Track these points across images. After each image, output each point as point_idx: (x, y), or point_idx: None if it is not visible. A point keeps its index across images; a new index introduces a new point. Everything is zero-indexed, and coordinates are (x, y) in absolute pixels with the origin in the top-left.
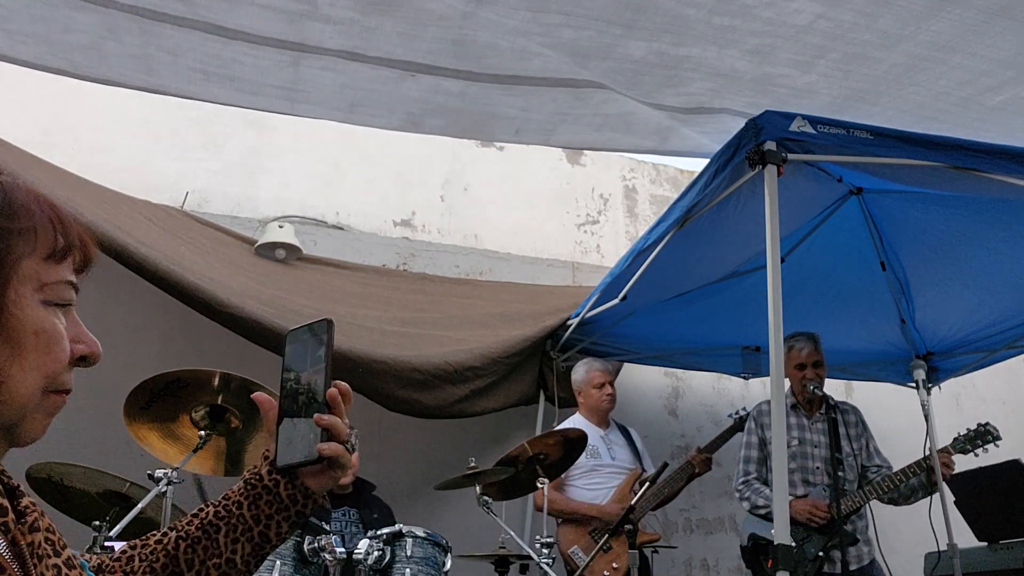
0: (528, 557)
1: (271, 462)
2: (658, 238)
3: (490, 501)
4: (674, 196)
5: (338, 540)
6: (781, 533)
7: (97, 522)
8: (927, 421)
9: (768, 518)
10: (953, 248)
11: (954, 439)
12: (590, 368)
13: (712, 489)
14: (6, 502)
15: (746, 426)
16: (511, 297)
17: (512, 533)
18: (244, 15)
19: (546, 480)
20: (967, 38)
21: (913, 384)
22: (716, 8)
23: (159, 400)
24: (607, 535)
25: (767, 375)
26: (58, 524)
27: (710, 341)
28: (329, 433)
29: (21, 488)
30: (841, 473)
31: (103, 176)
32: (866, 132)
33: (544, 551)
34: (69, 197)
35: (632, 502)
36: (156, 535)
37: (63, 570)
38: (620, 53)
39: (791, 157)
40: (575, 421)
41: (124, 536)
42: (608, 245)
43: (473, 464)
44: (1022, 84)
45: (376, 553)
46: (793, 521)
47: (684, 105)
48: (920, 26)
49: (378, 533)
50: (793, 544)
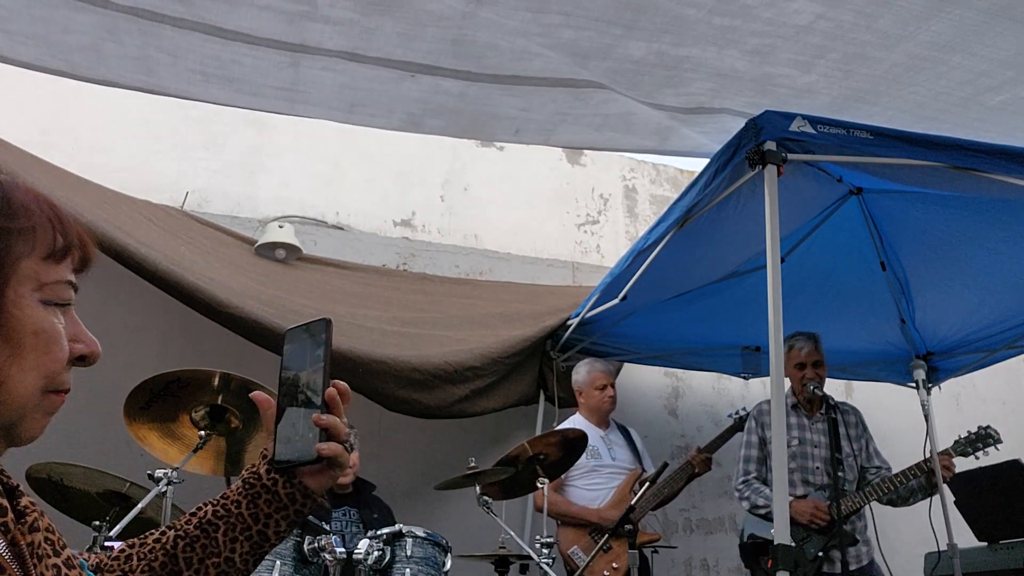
0: (528, 557)
1: (270, 461)
2: (658, 238)
3: (490, 501)
4: (674, 196)
5: (338, 540)
6: (781, 533)
7: (97, 522)
8: (927, 421)
9: (768, 518)
10: (953, 248)
11: (955, 442)
12: (592, 369)
13: (712, 489)
14: (5, 502)
15: (746, 425)
16: (511, 297)
17: (512, 533)
18: (243, 16)
19: (546, 480)
20: (967, 38)
21: (913, 384)
22: (716, 8)
23: (159, 400)
24: (607, 535)
25: (767, 375)
26: (58, 524)
27: (710, 341)
28: (328, 433)
29: (21, 488)
30: (841, 473)
31: (103, 176)
32: (866, 132)
33: (544, 551)
34: (69, 197)
35: (632, 502)
36: (154, 534)
37: (63, 570)
38: (620, 53)
39: (791, 157)
40: (575, 421)
41: (124, 536)
42: (608, 245)
43: (473, 464)
44: (1022, 84)
45: (376, 553)
46: (793, 522)
47: (684, 105)
48: (920, 26)
49: (378, 533)
50: (793, 544)
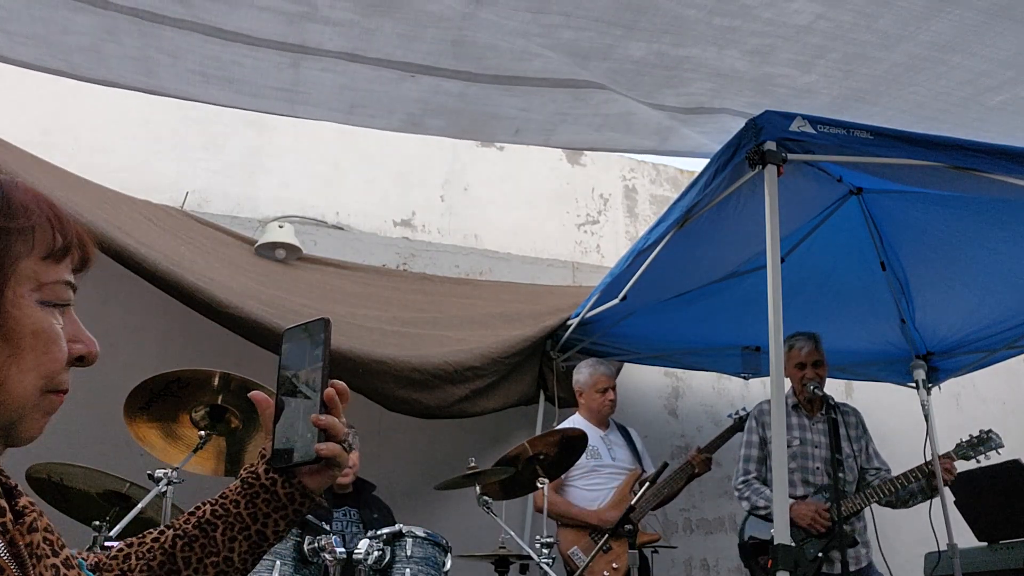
0: (528, 557)
1: (268, 461)
2: (658, 238)
3: (490, 501)
4: (674, 196)
5: (338, 540)
6: (781, 533)
7: (97, 522)
8: (927, 421)
9: (768, 518)
10: (953, 248)
11: (956, 445)
12: (595, 371)
13: (712, 489)
14: (4, 502)
15: (747, 425)
16: (511, 297)
17: (512, 533)
18: (243, 17)
19: (546, 480)
20: (967, 38)
21: (913, 384)
22: (716, 9)
23: (159, 400)
24: (607, 535)
25: (767, 375)
26: (58, 524)
27: (710, 341)
28: (327, 433)
29: (19, 487)
30: (841, 474)
31: (103, 176)
32: (866, 132)
33: (544, 551)
34: (69, 197)
35: (632, 502)
36: (153, 533)
37: (61, 570)
38: (620, 54)
39: (791, 157)
40: (575, 421)
41: (124, 536)
42: (608, 245)
43: (473, 464)
44: (1022, 84)
45: (376, 553)
46: (793, 524)
47: (684, 105)
48: (920, 26)
49: (378, 533)
50: (793, 544)
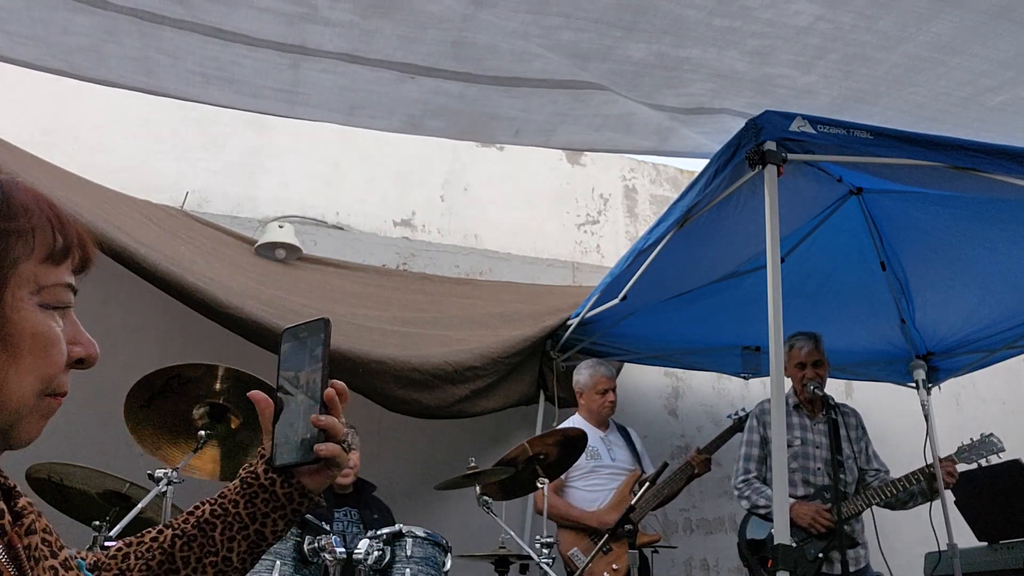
0: (528, 557)
1: (268, 461)
2: (658, 238)
3: (490, 501)
4: (674, 196)
5: (338, 540)
6: (781, 533)
7: (97, 522)
8: (927, 421)
9: (769, 518)
10: (953, 248)
11: (958, 448)
12: (595, 373)
13: (712, 489)
14: (3, 504)
15: (747, 424)
16: (511, 297)
17: (512, 533)
18: (243, 18)
19: (546, 480)
20: (967, 39)
21: (913, 384)
22: (716, 10)
23: (159, 398)
24: (606, 535)
25: (767, 375)
26: (58, 524)
27: (710, 341)
28: (326, 433)
29: (18, 488)
30: (841, 475)
31: (103, 176)
32: (866, 132)
33: (544, 551)
34: (69, 197)
35: (632, 502)
36: (152, 532)
37: (60, 571)
38: (620, 55)
39: (791, 157)
40: (575, 421)
41: (124, 537)
42: (608, 245)
43: (473, 464)
44: (1022, 85)
45: (376, 553)
46: (793, 524)
47: (684, 106)
48: (920, 27)
49: (378, 533)
50: (793, 544)
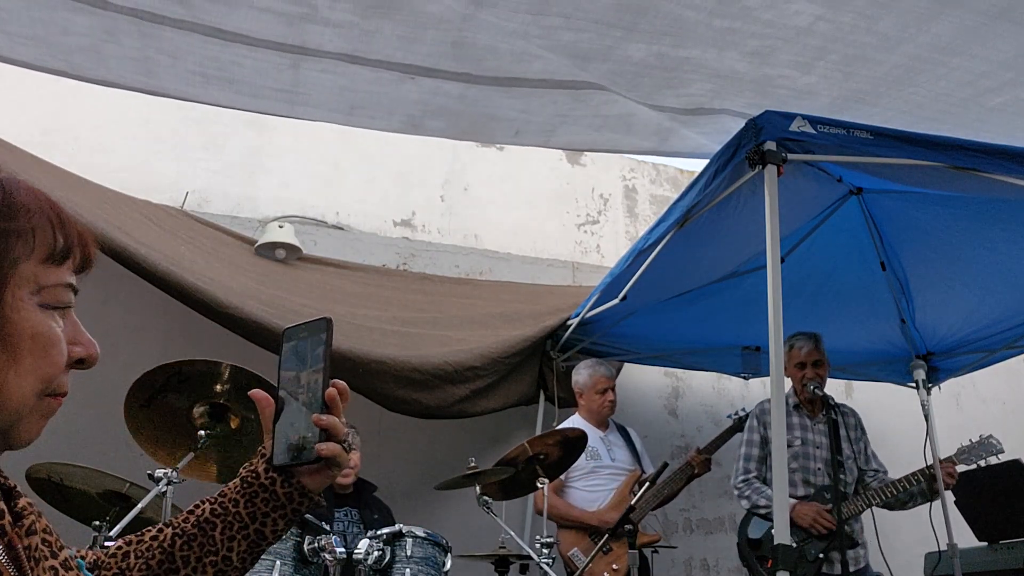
0: (528, 557)
1: (268, 460)
2: (658, 238)
3: (490, 501)
4: (674, 196)
5: (338, 540)
6: (781, 533)
7: (97, 522)
8: (927, 421)
9: (769, 518)
10: (953, 248)
11: (958, 450)
12: (594, 372)
13: (712, 489)
14: (2, 504)
15: (747, 424)
16: (511, 297)
17: (512, 533)
18: (243, 18)
19: (546, 480)
20: (967, 40)
21: (913, 384)
22: (716, 10)
23: (160, 396)
24: (606, 535)
25: (767, 375)
26: (58, 524)
27: (710, 341)
28: (327, 433)
29: (18, 488)
30: (842, 475)
31: (103, 176)
32: (866, 132)
33: (544, 551)
34: (69, 197)
35: (632, 502)
36: (152, 531)
37: (60, 572)
38: (620, 55)
39: (791, 157)
40: (575, 421)
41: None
42: (608, 245)
43: (473, 464)
44: (1022, 86)
45: (376, 553)
46: (794, 524)
47: (684, 106)
48: (920, 28)
49: (378, 533)
50: (794, 544)
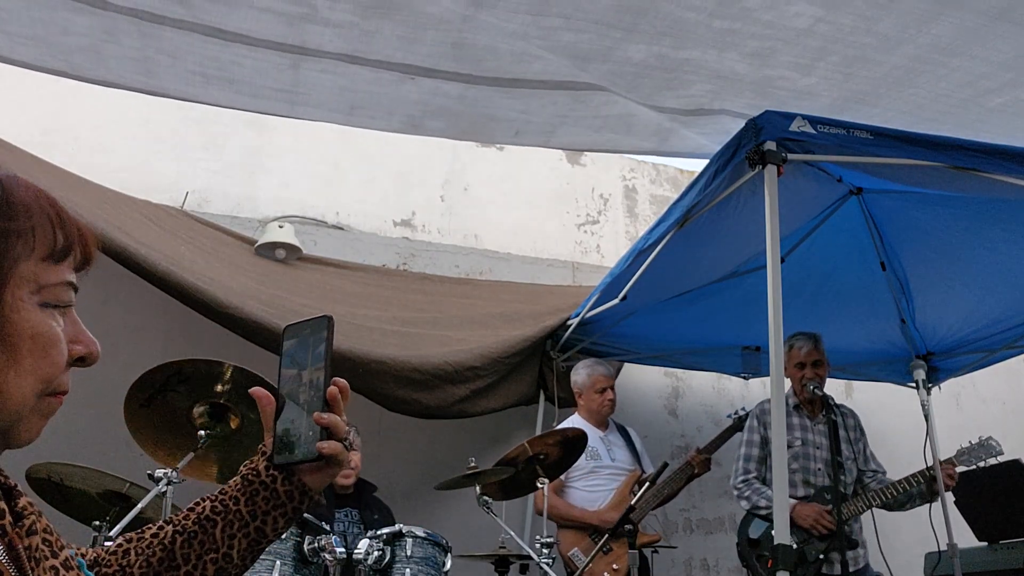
0: (528, 557)
1: (269, 458)
2: (658, 238)
3: (490, 501)
4: (674, 196)
5: (338, 540)
6: (781, 533)
7: (97, 522)
8: (927, 421)
9: (769, 518)
10: (953, 248)
11: (957, 451)
12: (593, 372)
13: (712, 489)
14: (3, 504)
15: (747, 424)
16: (511, 297)
17: (512, 533)
18: (243, 18)
19: (546, 480)
20: (967, 41)
21: (913, 384)
22: (716, 11)
23: (160, 397)
24: (606, 535)
25: (767, 375)
26: (58, 524)
27: (710, 341)
28: (328, 431)
29: (18, 488)
30: (842, 476)
31: (103, 176)
32: (866, 132)
33: (544, 551)
34: (69, 197)
35: (632, 502)
36: (152, 528)
37: (60, 571)
38: (620, 56)
39: (791, 157)
40: (575, 421)
41: None
42: (608, 245)
43: (473, 464)
44: (1022, 86)
45: (376, 553)
46: (794, 525)
47: (684, 107)
48: (920, 29)
49: (378, 533)
50: (794, 545)
